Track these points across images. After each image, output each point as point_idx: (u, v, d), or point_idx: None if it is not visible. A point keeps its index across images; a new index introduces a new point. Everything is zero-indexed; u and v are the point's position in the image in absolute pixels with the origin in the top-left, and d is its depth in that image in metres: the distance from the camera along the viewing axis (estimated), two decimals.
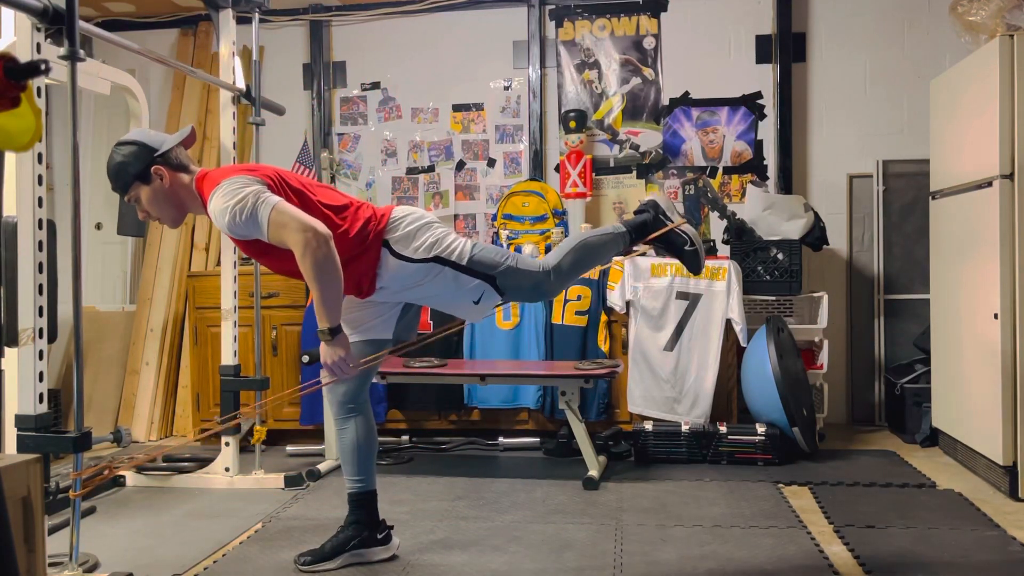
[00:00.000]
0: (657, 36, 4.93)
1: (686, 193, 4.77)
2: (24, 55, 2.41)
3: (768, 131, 4.84)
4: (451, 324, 3.78)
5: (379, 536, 2.70)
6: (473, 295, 2.51)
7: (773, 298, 4.40)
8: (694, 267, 2.65)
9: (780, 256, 4.27)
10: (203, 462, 3.79)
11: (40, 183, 2.50)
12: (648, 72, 4.94)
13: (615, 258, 4.09)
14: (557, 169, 4.92)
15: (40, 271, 2.48)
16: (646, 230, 2.64)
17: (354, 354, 2.46)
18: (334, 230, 2.37)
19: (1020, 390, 3.25)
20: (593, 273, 4.13)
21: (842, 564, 2.62)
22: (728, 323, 4.04)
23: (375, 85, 5.16)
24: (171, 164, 2.48)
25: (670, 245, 2.64)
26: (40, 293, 2.48)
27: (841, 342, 4.77)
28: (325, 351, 2.37)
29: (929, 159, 4.16)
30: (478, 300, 2.52)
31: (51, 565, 2.48)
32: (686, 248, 2.63)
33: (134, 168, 2.45)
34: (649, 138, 4.95)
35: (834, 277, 4.82)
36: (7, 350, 2.46)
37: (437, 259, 2.46)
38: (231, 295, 3.68)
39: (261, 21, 4.32)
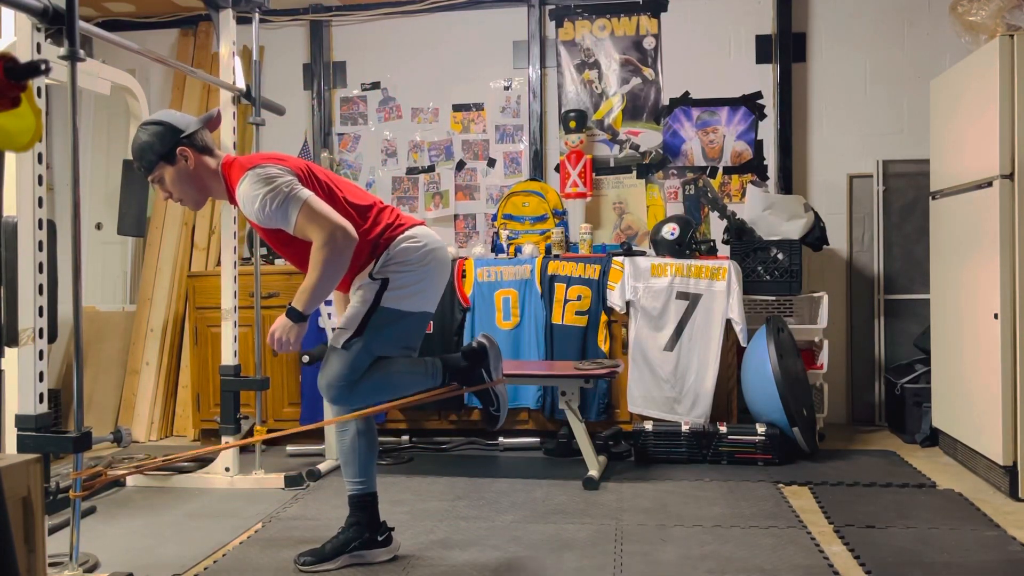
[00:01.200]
0: (657, 36, 4.93)
1: (686, 193, 4.77)
2: (24, 55, 2.41)
3: (768, 131, 4.84)
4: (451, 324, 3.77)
5: (380, 538, 2.70)
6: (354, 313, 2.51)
7: (773, 298, 4.40)
8: (489, 425, 2.71)
9: (780, 256, 4.27)
10: (203, 462, 3.79)
11: (40, 183, 2.50)
12: (648, 72, 4.94)
13: (617, 258, 4.10)
14: (557, 169, 4.92)
15: (40, 271, 2.48)
16: (462, 375, 2.64)
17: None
18: (356, 229, 2.40)
19: (1020, 390, 3.25)
20: (593, 273, 4.14)
21: (842, 564, 2.62)
22: (728, 323, 4.04)
23: (375, 85, 5.16)
24: (197, 146, 2.50)
25: (480, 395, 2.67)
26: (40, 293, 2.48)
27: (841, 342, 4.77)
28: (283, 325, 2.40)
29: (929, 159, 4.16)
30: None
31: (51, 565, 2.48)
32: (491, 410, 2.68)
33: (160, 148, 2.46)
34: (649, 138, 4.94)
35: (834, 277, 4.82)
36: (7, 350, 2.46)
37: (383, 284, 2.47)
38: (231, 295, 3.68)
39: (261, 21, 4.33)
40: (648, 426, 3.96)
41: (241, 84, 3.72)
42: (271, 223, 2.37)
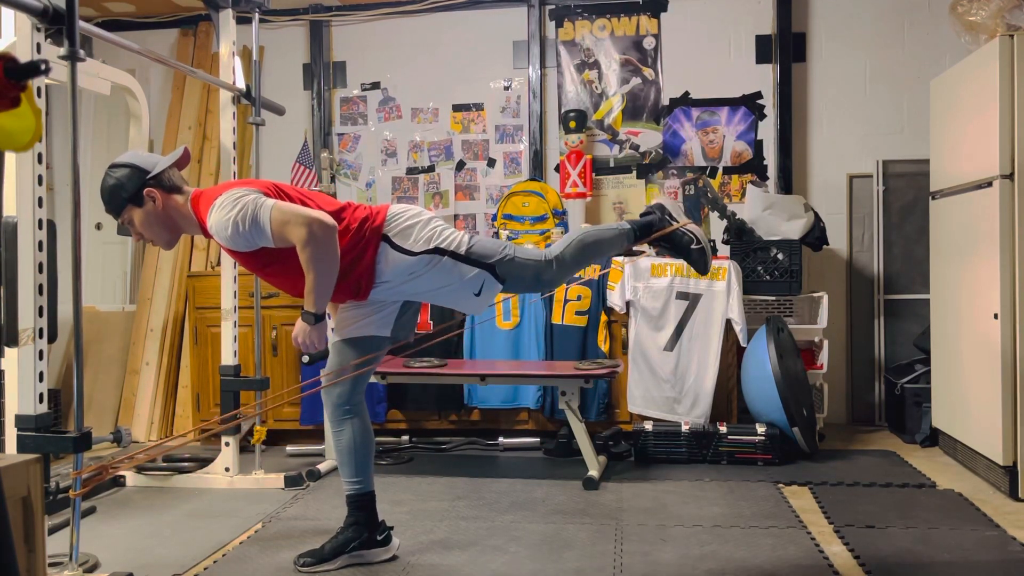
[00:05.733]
0: (657, 36, 4.93)
1: (686, 193, 4.77)
2: (24, 55, 2.41)
3: (768, 131, 4.84)
4: (451, 322, 3.78)
5: (379, 538, 2.70)
6: (473, 286, 2.51)
7: (773, 298, 4.40)
8: (700, 267, 2.63)
9: (780, 256, 4.27)
10: (203, 462, 3.79)
11: (40, 183, 2.50)
12: (648, 72, 4.94)
13: (617, 258, 4.11)
14: (557, 169, 4.92)
15: (40, 271, 2.48)
16: (651, 230, 2.63)
17: (350, 351, 2.56)
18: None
19: (1020, 390, 3.25)
20: (593, 273, 4.14)
21: (842, 564, 2.62)
22: (728, 323, 4.04)
23: (375, 85, 5.16)
24: (164, 186, 2.50)
25: (675, 245, 2.62)
26: (40, 293, 2.48)
27: (841, 342, 4.77)
28: (303, 330, 2.40)
29: (929, 159, 4.16)
30: (479, 292, 2.52)
31: (51, 565, 2.48)
32: (692, 247, 2.61)
33: (127, 191, 2.47)
34: (649, 138, 4.95)
35: (834, 277, 4.82)
36: (7, 350, 2.46)
37: (436, 250, 2.48)
38: (231, 295, 3.68)
39: (261, 21, 4.33)
40: (648, 426, 3.96)
41: (241, 84, 3.72)
42: (249, 243, 2.36)
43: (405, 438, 4.36)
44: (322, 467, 3.78)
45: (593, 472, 3.57)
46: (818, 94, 4.85)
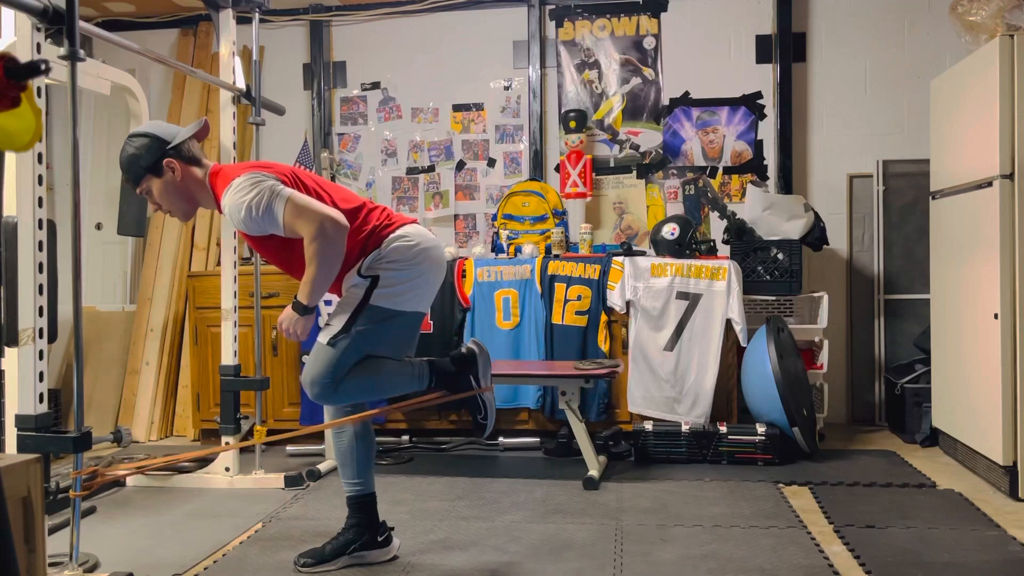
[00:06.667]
0: (657, 36, 4.93)
1: (686, 193, 4.77)
2: (24, 55, 2.41)
3: (768, 131, 4.84)
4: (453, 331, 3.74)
5: (379, 539, 2.70)
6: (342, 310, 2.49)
7: (773, 298, 4.40)
8: (478, 433, 2.66)
9: (780, 256, 4.27)
10: (203, 462, 3.79)
11: (40, 183, 2.50)
12: (648, 72, 4.94)
13: (618, 258, 4.09)
14: (557, 169, 4.92)
15: (40, 271, 2.48)
16: (450, 381, 2.59)
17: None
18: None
19: (1020, 390, 3.25)
20: (593, 272, 4.14)
21: (842, 564, 2.62)
22: (728, 323, 4.04)
23: (375, 85, 5.16)
24: (183, 157, 2.50)
25: (463, 401, 2.62)
26: (40, 293, 2.48)
27: (841, 342, 4.77)
28: (290, 317, 2.41)
29: (929, 159, 4.16)
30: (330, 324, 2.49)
31: (51, 565, 2.48)
32: (478, 417, 2.64)
33: (146, 160, 2.47)
34: (649, 138, 4.94)
35: (834, 277, 4.82)
36: (7, 350, 2.46)
37: (373, 281, 2.45)
38: (231, 295, 3.68)
39: (261, 21, 4.33)
40: (648, 426, 3.96)
41: (241, 84, 3.72)
42: (261, 228, 2.36)
43: (405, 438, 4.36)
44: (322, 467, 3.78)
45: (593, 472, 3.57)
46: (818, 94, 4.85)
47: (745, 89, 4.86)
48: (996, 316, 3.31)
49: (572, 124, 4.76)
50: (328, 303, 3.93)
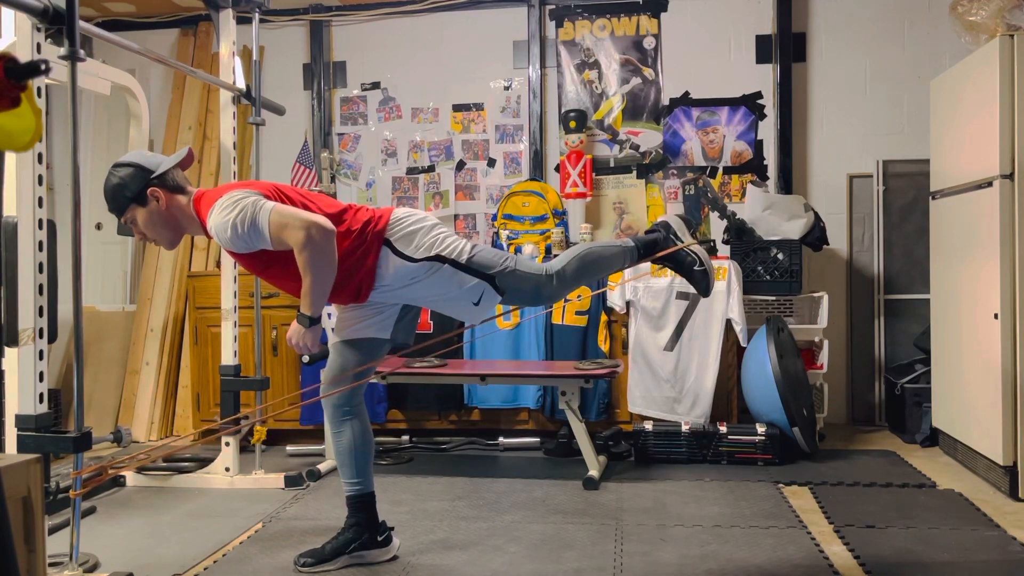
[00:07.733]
0: (657, 36, 4.93)
1: (686, 193, 4.77)
2: (24, 55, 2.41)
3: (768, 131, 4.84)
4: (454, 332, 3.78)
5: (379, 538, 2.70)
6: (472, 295, 2.50)
7: (773, 298, 4.40)
8: (702, 288, 2.60)
9: (780, 256, 4.27)
10: (203, 462, 3.79)
11: (40, 183, 2.50)
12: (648, 72, 4.94)
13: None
14: (557, 169, 4.92)
15: (40, 271, 2.48)
16: (655, 248, 2.61)
17: (350, 353, 2.58)
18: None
19: (1020, 390, 3.25)
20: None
21: (842, 564, 2.62)
22: (728, 323, 4.04)
23: (375, 85, 5.16)
24: (168, 186, 2.51)
25: (679, 265, 2.60)
26: (40, 293, 2.48)
27: (841, 342, 4.77)
28: (297, 331, 2.41)
29: (929, 159, 4.16)
30: (478, 301, 2.51)
31: (51, 565, 2.48)
32: (695, 268, 2.59)
33: (130, 190, 2.47)
34: (649, 138, 4.94)
35: (834, 277, 4.82)
36: (7, 350, 2.46)
37: (437, 257, 2.46)
38: (231, 295, 3.68)
39: (261, 21, 4.33)
40: (648, 426, 3.96)
41: (241, 84, 3.72)
42: (249, 245, 2.35)
43: (405, 438, 4.36)
44: (322, 467, 3.78)
45: (593, 472, 3.57)
46: (818, 94, 4.85)
47: (745, 89, 4.86)
48: (996, 316, 3.31)
49: (572, 124, 4.76)
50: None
